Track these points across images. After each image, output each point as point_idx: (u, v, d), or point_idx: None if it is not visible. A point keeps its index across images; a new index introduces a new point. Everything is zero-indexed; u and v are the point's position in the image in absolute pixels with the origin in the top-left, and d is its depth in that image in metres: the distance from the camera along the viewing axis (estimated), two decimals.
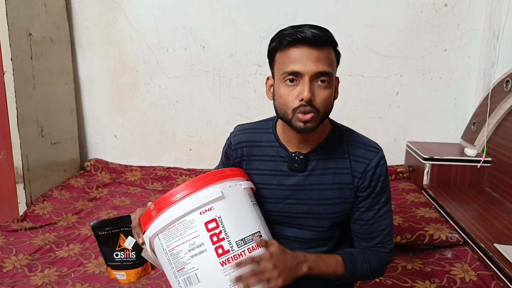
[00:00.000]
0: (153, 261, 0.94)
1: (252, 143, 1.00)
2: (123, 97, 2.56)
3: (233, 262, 0.79)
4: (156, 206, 0.85)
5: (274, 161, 0.97)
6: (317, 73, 0.83)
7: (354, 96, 2.36)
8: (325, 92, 0.85)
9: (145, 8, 2.41)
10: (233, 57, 2.41)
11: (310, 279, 1.00)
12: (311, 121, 0.85)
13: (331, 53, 0.86)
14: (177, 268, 0.82)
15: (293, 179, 0.95)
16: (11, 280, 1.47)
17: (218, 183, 0.86)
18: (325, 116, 0.88)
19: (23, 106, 2.01)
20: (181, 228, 0.82)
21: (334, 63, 0.88)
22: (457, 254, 1.51)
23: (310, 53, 0.82)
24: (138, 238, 0.92)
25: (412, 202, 1.86)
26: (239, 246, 0.81)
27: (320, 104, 0.85)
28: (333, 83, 0.87)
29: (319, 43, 0.82)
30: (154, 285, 1.43)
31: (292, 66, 0.83)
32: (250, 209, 0.88)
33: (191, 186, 0.84)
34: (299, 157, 0.93)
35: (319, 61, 0.83)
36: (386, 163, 0.94)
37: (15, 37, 1.95)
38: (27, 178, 2.05)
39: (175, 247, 0.82)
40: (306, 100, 0.83)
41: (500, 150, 1.92)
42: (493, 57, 2.05)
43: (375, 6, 2.25)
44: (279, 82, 0.87)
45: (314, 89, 0.84)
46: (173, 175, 2.46)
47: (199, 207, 0.82)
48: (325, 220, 0.96)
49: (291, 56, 0.84)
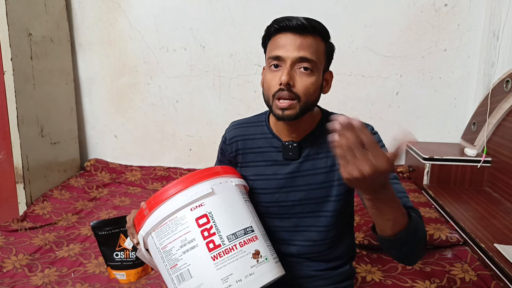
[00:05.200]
0: (148, 261, 0.94)
1: (246, 137, 1.02)
2: (123, 97, 2.56)
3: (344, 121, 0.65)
4: (148, 205, 0.86)
5: (268, 152, 0.99)
6: (298, 58, 0.84)
7: (354, 96, 2.36)
8: (307, 80, 0.86)
9: (145, 8, 2.41)
10: (233, 57, 2.40)
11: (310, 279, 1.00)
12: (289, 108, 0.86)
13: (318, 42, 0.87)
14: (170, 265, 0.82)
15: (288, 168, 0.96)
16: (11, 280, 1.47)
17: (209, 179, 0.87)
18: (307, 105, 0.88)
19: (23, 106, 2.01)
20: (173, 225, 0.82)
21: (321, 53, 0.88)
22: (457, 254, 1.51)
23: (293, 39, 0.85)
24: (132, 239, 0.93)
25: (412, 202, 1.86)
26: (231, 240, 0.81)
27: (301, 91, 0.85)
28: (318, 72, 0.88)
29: (303, 30, 0.85)
30: (154, 285, 1.44)
31: (276, 51, 0.87)
32: (242, 205, 0.88)
33: (181, 184, 0.84)
34: (292, 145, 0.95)
35: (301, 47, 0.85)
36: (377, 133, 0.94)
37: (15, 37, 1.95)
38: (27, 178, 2.05)
39: (167, 244, 0.82)
40: (284, 83, 0.84)
41: (500, 150, 1.92)
42: (493, 57, 2.05)
43: (375, 6, 2.25)
44: (266, 69, 0.91)
45: (295, 75, 0.85)
46: (173, 175, 2.46)
47: (189, 203, 0.82)
48: (322, 204, 0.95)
49: (276, 42, 0.88)
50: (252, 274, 0.79)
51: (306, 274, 0.99)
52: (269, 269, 0.82)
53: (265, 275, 0.81)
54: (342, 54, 2.27)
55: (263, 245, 0.85)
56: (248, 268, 0.80)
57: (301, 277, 1.00)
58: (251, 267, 0.80)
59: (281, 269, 0.87)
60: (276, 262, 0.86)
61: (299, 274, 0.99)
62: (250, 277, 0.79)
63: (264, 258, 0.83)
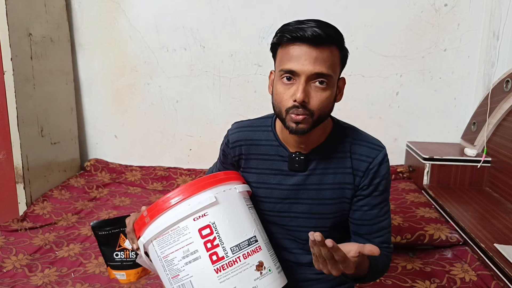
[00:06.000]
0: (148, 267, 0.93)
1: (250, 142, 0.98)
2: (123, 97, 2.56)
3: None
4: (149, 212, 0.83)
5: (274, 161, 0.95)
6: (314, 74, 0.79)
7: (354, 96, 2.36)
8: (322, 95, 0.81)
9: (145, 8, 2.41)
10: (233, 57, 2.41)
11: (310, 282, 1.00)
12: (303, 122, 0.82)
13: (334, 53, 0.81)
14: (172, 275, 0.81)
15: (293, 179, 0.93)
16: (11, 280, 1.47)
17: (212, 187, 0.84)
18: (320, 119, 0.84)
19: (23, 106, 2.01)
20: (175, 235, 0.80)
21: (336, 64, 0.83)
22: (457, 254, 1.51)
23: (308, 52, 0.79)
24: (132, 244, 0.90)
25: (412, 202, 1.86)
26: (234, 252, 0.79)
27: (316, 107, 0.81)
28: (333, 85, 0.83)
29: (319, 42, 0.78)
30: (154, 285, 1.44)
31: (289, 65, 0.80)
32: (245, 213, 0.86)
33: (184, 192, 0.82)
34: (299, 157, 0.91)
35: (317, 61, 0.79)
36: (388, 161, 0.92)
37: (15, 37, 1.95)
38: (27, 178, 2.05)
39: (169, 254, 0.81)
40: (299, 102, 0.79)
41: (500, 150, 1.92)
42: (493, 57, 2.05)
43: (375, 6, 2.25)
44: (277, 79, 0.85)
45: (310, 90, 0.80)
46: (173, 175, 2.46)
47: (192, 214, 0.80)
48: (325, 220, 0.94)
49: (289, 53, 0.81)
50: (256, 287, 0.79)
51: (306, 278, 0.99)
52: (272, 280, 0.82)
53: (268, 287, 0.81)
54: None
55: (267, 255, 0.84)
56: (252, 281, 0.79)
57: (302, 280, 0.99)
58: (254, 280, 0.79)
59: (284, 279, 0.86)
60: (279, 272, 0.86)
61: (299, 277, 0.99)
62: None
63: (268, 269, 0.82)
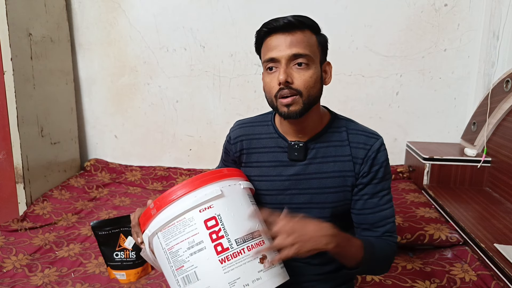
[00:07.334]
0: (151, 261, 0.94)
1: (251, 136, 1.01)
2: (123, 97, 2.56)
3: (253, 250, 0.81)
4: (156, 204, 0.85)
5: (274, 152, 0.97)
6: (291, 56, 0.85)
7: (354, 96, 2.36)
8: (305, 74, 0.86)
9: (145, 8, 2.41)
10: (233, 57, 2.41)
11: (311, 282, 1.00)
12: (293, 104, 0.86)
13: (308, 35, 0.88)
14: (176, 267, 0.82)
15: (293, 169, 0.95)
16: (11, 280, 1.47)
17: (218, 181, 0.87)
18: (310, 99, 0.87)
19: (23, 106, 2.01)
20: (181, 226, 0.82)
21: (314, 46, 0.88)
22: (457, 254, 1.51)
23: (283, 39, 0.86)
24: (137, 238, 0.91)
25: (412, 202, 1.86)
26: (239, 244, 0.81)
27: (301, 86, 0.86)
28: (315, 65, 0.88)
29: (291, 28, 0.86)
30: (154, 285, 1.43)
31: (269, 54, 0.87)
32: (249, 208, 0.88)
33: (190, 185, 0.84)
34: (298, 145, 0.93)
35: (292, 44, 0.85)
36: (386, 150, 0.94)
37: (15, 37, 1.95)
38: (27, 178, 2.05)
39: (174, 245, 0.82)
40: (282, 82, 0.85)
41: (500, 150, 1.92)
42: (493, 57, 2.05)
43: (375, 6, 2.24)
44: (264, 72, 0.91)
45: (292, 72, 0.86)
46: (173, 175, 2.46)
47: (198, 205, 0.82)
48: (327, 210, 0.94)
49: (268, 45, 0.88)
50: (259, 278, 0.80)
51: (307, 278, 0.99)
52: (275, 274, 0.82)
53: (272, 280, 0.81)
54: (342, 54, 2.28)
55: (270, 249, 0.85)
56: (256, 272, 0.80)
57: (303, 280, 0.99)
58: (258, 271, 0.80)
59: (286, 275, 0.87)
60: (282, 268, 0.86)
61: (301, 277, 0.99)
62: (257, 281, 0.79)
63: (271, 263, 0.83)
